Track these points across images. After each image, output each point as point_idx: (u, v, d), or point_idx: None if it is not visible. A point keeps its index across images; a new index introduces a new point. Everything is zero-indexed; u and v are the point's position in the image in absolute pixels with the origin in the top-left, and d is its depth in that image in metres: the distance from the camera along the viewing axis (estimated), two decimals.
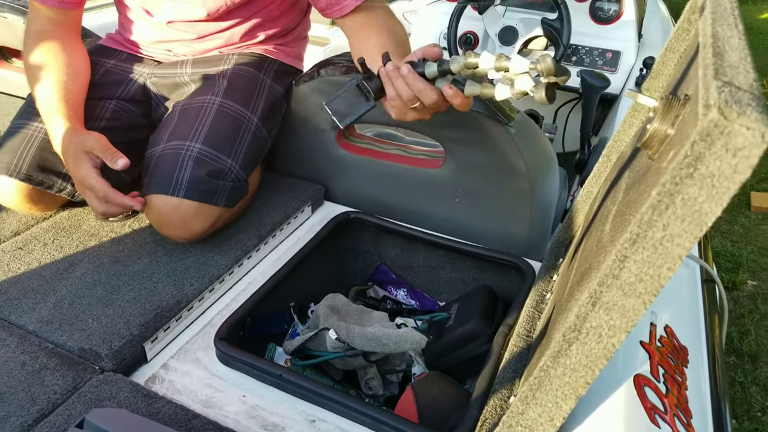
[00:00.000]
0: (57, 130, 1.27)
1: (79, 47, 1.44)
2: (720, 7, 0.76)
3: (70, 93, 1.33)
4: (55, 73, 1.34)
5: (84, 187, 1.23)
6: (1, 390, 0.96)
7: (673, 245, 0.48)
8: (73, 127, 1.27)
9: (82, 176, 1.22)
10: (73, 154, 1.24)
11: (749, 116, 0.43)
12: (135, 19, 1.50)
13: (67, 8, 1.39)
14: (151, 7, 1.44)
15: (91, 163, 1.23)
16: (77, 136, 1.25)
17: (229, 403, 1.00)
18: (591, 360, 0.56)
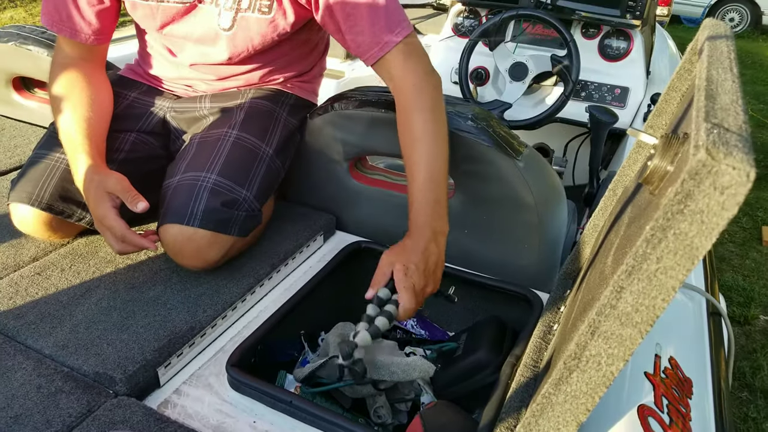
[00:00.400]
0: (79, 166, 1.31)
1: (103, 81, 1.47)
2: (716, 51, 0.79)
3: (93, 129, 1.36)
4: (80, 108, 1.37)
5: (103, 225, 1.27)
6: (18, 412, 0.98)
7: (666, 277, 0.51)
8: (95, 165, 1.31)
9: (101, 215, 1.26)
10: (93, 192, 1.27)
11: (735, 156, 0.46)
12: (157, 56, 1.54)
13: (94, 44, 1.43)
14: (175, 48, 1.48)
15: (111, 203, 1.27)
16: (99, 175, 1.28)
17: (240, 428, 1.02)
18: (591, 387, 0.58)
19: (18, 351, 1.11)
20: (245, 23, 1.39)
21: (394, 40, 1.29)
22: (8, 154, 1.83)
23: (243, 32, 1.41)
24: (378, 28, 1.29)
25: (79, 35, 1.39)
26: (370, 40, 1.30)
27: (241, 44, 1.43)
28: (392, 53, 1.30)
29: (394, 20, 1.30)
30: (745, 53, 7.90)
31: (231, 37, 1.41)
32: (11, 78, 2.02)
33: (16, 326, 1.16)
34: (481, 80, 2.82)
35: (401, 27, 1.31)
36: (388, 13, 1.30)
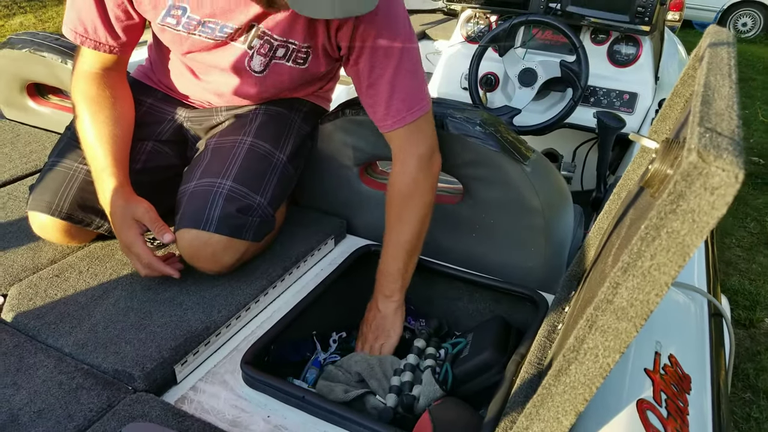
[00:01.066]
0: (106, 188, 1.34)
1: (127, 94, 1.47)
2: (716, 57, 0.82)
3: (119, 148, 1.38)
4: (107, 125, 1.38)
5: (131, 252, 1.31)
6: (41, 407, 1.02)
7: (659, 273, 0.54)
8: (122, 189, 1.34)
9: (129, 242, 1.30)
10: (120, 218, 1.31)
11: (725, 159, 0.49)
12: (176, 72, 1.54)
13: (118, 54, 1.41)
14: (199, 71, 1.49)
15: (138, 230, 1.31)
16: (127, 201, 1.32)
17: (254, 423, 1.05)
18: (588, 378, 0.61)
19: (39, 350, 1.15)
20: (278, 69, 1.42)
21: (406, 119, 1.33)
22: (24, 160, 1.87)
23: (274, 77, 1.44)
24: (394, 104, 1.33)
25: (103, 47, 1.38)
26: (384, 112, 1.34)
27: (270, 85, 1.46)
28: (401, 131, 1.34)
29: (414, 99, 1.33)
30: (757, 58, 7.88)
31: (261, 79, 1.44)
32: (25, 84, 2.05)
33: (36, 326, 1.20)
34: (491, 86, 2.85)
35: (418, 107, 1.34)
36: (409, 91, 1.33)
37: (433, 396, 1.15)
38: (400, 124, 1.33)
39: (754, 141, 5.02)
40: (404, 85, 1.32)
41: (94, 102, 1.38)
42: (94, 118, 1.37)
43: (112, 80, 1.42)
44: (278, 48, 1.37)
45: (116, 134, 1.38)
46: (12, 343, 1.16)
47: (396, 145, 1.37)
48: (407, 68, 1.32)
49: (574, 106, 2.43)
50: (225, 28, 1.31)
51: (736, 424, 2.23)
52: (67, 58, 1.86)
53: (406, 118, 1.32)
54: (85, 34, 1.35)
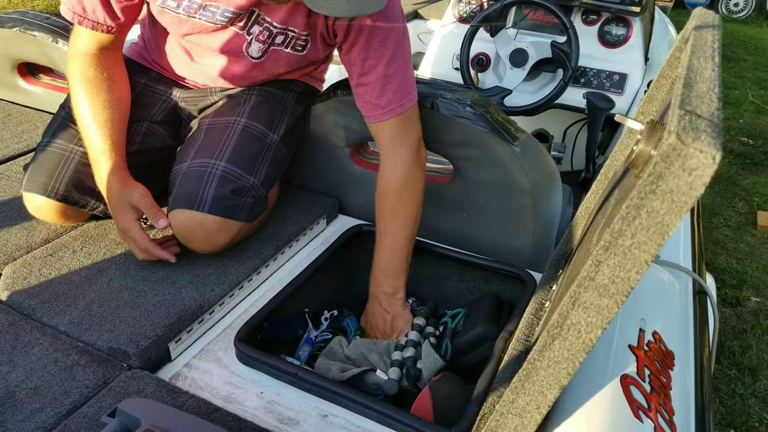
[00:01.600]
0: (102, 172, 1.35)
1: (122, 73, 1.46)
2: (701, 40, 0.83)
3: (116, 130, 1.38)
4: (104, 109, 1.38)
5: (127, 237, 1.33)
6: (37, 384, 1.04)
7: (640, 251, 0.56)
8: (120, 174, 1.35)
9: (126, 227, 1.32)
10: (117, 202, 1.32)
11: (703, 141, 0.51)
12: (171, 54, 1.54)
13: (116, 34, 1.41)
14: (195, 52, 1.48)
15: (135, 216, 1.33)
16: (125, 187, 1.33)
17: (248, 398, 1.07)
18: (572, 353, 0.63)
19: (34, 328, 1.16)
20: (276, 55, 1.42)
21: (396, 110, 1.35)
22: (16, 140, 1.87)
23: (272, 62, 1.44)
24: (386, 94, 1.34)
25: (101, 27, 1.37)
26: (375, 102, 1.35)
27: (266, 69, 1.47)
28: (392, 121, 1.36)
29: (405, 90, 1.35)
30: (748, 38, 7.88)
31: (258, 64, 1.44)
32: (16, 64, 2.04)
33: (31, 304, 1.21)
34: (482, 66, 2.85)
35: (408, 98, 1.36)
36: (401, 82, 1.35)
37: (434, 367, 1.17)
38: (392, 114, 1.35)
39: (744, 121, 5.04)
40: (396, 77, 1.34)
41: (92, 84, 1.38)
42: (92, 101, 1.37)
43: (108, 61, 1.42)
44: (277, 35, 1.38)
45: (114, 118, 1.38)
46: (7, 321, 1.17)
47: (386, 137, 1.38)
48: (400, 60, 1.34)
49: (565, 87, 2.45)
50: (226, 12, 1.31)
51: (721, 400, 2.27)
52: (57, 37, 1.85)
53: (397, 109, 1.34)
54: (83, 14, 1.35)
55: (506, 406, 0.72)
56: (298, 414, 1.04)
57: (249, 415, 1.03)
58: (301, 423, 1.03)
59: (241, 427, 0.98)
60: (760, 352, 2.51)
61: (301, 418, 1.04)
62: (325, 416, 1.04)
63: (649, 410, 0.83)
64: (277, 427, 1.02)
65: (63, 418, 0.98)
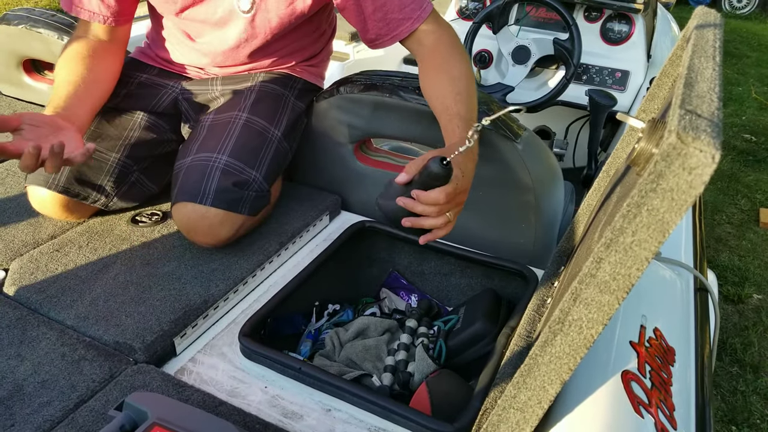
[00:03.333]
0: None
1: (112, 63, 1.47)
2: (702, 39, 0.84)
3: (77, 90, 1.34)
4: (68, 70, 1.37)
5: None
6: (45, 378, 1.05)
7: (640, 249, 0.57)
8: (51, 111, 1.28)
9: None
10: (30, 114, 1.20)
11: (703, 140, 0.52)
12: (171, 40, 1.57)
13: (113, 25, 1.43)
14: (192, 32, 1.51)
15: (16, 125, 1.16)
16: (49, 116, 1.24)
17: (252, 393, 1.08)
18: (573, 349, 0.64)
19: (41, 323, 1.18)
20: (264, 5, 1.43)
21: (423, 15, 1.37)
22: None
23: (262, 14, 1.44)
24: (407, 7, 1.36)
25: (97, 17, 1.40)
26: (401, 16, 1.37)
27: (259, 26, 1.47)
28: (424, 25, 1.38)
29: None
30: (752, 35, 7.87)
31: (249, 19, 1.44)
32: (22, 60, 2.05)
33: (38, 300, 1.22)
34: (485, 63, 2.86)
35: (426, 3, 1.38)
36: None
37: (426, 370, 1.19)
38: (419, 22, 1.37)
39: (747, 118, 5.04)
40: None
41: (71, 60, 1.39)
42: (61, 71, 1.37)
43: (101, 49, 1.43)
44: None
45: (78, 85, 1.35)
46: (15, 316, 1.19)
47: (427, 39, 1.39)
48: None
49: (567, 84, 2.45)
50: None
51: (723, 397, 2.28)
52: (63, 34, 1.86)
53: (422, 14, 1.37)
54: (80, 4, 1.37)
55: (508, 401, 0.73)
56: (301, 408, 1.06)
57: (253, 409, 1.05)
58: (304, 417, 1.04)
59: (245, 421, 0.99)
60: (762, 350, 2.52)
61: (305, 413, 1.05)
62: (329, 410, 1.05)
63: (650, 406, 0.84)
64: (281, 421, 1.03)
65: (70, 412, 0.99)
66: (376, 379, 1.17)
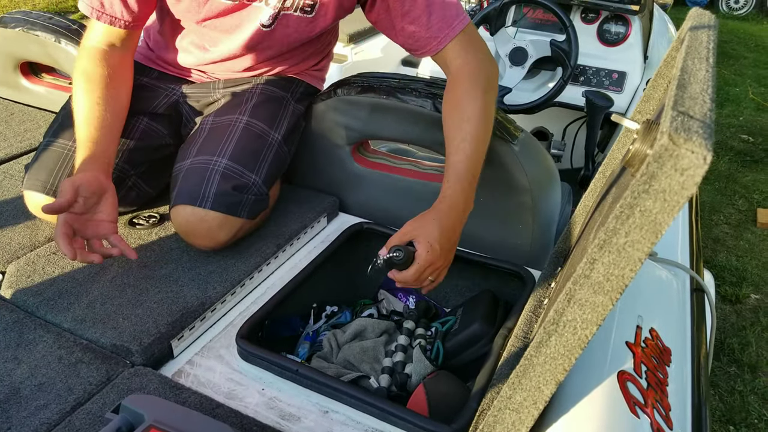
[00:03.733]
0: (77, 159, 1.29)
1: (126, 72, 1.44)
2: (696, 41, 0.84)
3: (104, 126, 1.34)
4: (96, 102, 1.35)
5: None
6: (41, 381, 1.05)
7: (633, 250, 0.57)
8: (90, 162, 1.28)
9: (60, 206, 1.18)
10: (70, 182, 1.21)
11: (694, 142, 0.52)
12: (182, 45, 1.54)
13: (130, 30, 1.40)
14: (208, 42, 1.49)
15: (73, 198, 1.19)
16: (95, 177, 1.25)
17: (249, 395, 1.09)
18: (568, 349, 0.64)
19: (38, 325, 1.18)
20: (285, 21, 1.42)
21: (451, 34, 1.35)
22: (18, 139, 1.88)
23: (282, 29, 1.44)
24: (436, 22, 1.34)
25: (118, 22, 1.37)
26: (428, 34, 1.35)
27: (277, 41, 1.47)
28: (451, 45, 1.35)
29: (452, 13, 1.35)
30: (749, 36, 7.88)
31: (269, 33, 1.44)
32: (19, 63, 2.05)
33: (35, 302, 1.22)
34: None
35: (459, 19, 1.35)
36: (444, 6, 1.34)
37: (424, 372, 1.19)
38: (450, 37, 1.34)
39: (744, 119, 5.05)
40: (440, 2, 1.34)
41: (89, 79, 1.37)
42: (86, 97, 1.36)
43: (114, 59, 1.40)
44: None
45: (105, 116, 1.35)
46: (11, 319, 1.19)
47: (453, 61, 1.36)
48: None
49: (564, 85, 2.46)
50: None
51: (721, 397, 2.28)
52: (60, 37, 1.86)
53: (456, 28, 1.34)
54: (101, 9, 1.34)
55: (503, 402, 0.73)
56: (299, 410, 1.06)
57: (251, 412, 1.05)
58: (302, 419, 1.04)
59: (242, 424, 0.99)
60: (759, 349, 2.52)
61: (303, 415, 1.05)
62: (326, 412, 1.05)
63: (646, 406, 0.85)
64: (278, 423, 1.03)
65: (67, 415, 0.99)
66: (374, 380, 1.17)
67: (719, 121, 4.94)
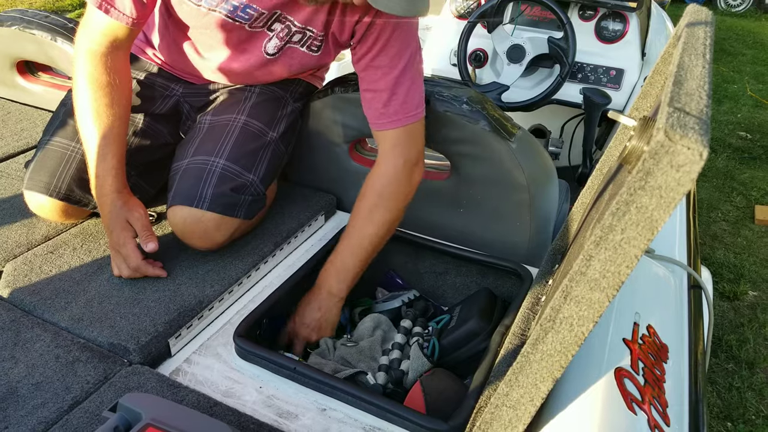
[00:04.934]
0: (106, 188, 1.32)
1: (127, 75, 1.41)
2: (692, 37, 0.84)
3: (121, 144, 1.36)
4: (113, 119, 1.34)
5: (119, 252, 1.30)
6: (39, 379, 1.05)
7: (630, 246, 0.57)
8: (123, 191, 1.33)
9: (121, 243, 1.29)
10: (114, 217, 1.30)
11: (690, 138, 0.52)
12: (176, 48, 1.52)
13: (134, 27, 1.34)
14: (203, 48, 1.47)
15: (131, 233, 1.31)
16: (126, 205, 1.32)
17: (247, 393, 1.09)
18: (564, 346, 0.64)
19: (35, 324, 1.18)
20: (291, 53, 1.43)
21: (401, 121, 1.35)
22: (15, 138, 1.88)
23: (286, 59, 1.44)
24: (392, 105, 1.35)
25: (126, 19, 1.32)
26: (381, 110, 1.36)
27: (278, 67, 1.47)
28: (394, 132, 1.36)
29: (412, 103, 1.35)
30: (747, 33, 7.88)
31: (271, 61, 1.44)
32: (15, 62, 2.05)
33: (32, 301, 1.22)
34: (480, 62, 2.86)
35: (415, 112, 1.36)
36: (409, 95, 1.35)
37: (421, 369, 1.19)
38: (395, 126, 1.35)
39: (742, 116, 5.05)
40: (405, 89, 1.34)
41: (101, 90, 1.33)
42: (101, 112, 1.33)
43: (117, 63, 1.36)
44: (295, 33, 1.38)
45: (121, 132, 1.36)
46: (9, 318, 1.19)
47: (385, 146, 1.38)
48: (411, 73, 1.35)
49: (562, 83, 2.46)
50: (248, 9, 1.31)
51: (718, 393, 2.28)
52: (56, 35, 1.86)
53: (402, 120, 1.35)
54: (111, 3, 1.29)
55: (501, 399, 0.73)
56: (296, 408, 1.06)
57: (248, 410, 1.05)
58: (299, 417, 1.04)
59: (240, 421, 0.99)
60: (757, 346, 2.52)
61: (300, 412, 1.05)
62: (324, 410, 1.05)
63: (643, 403, 0.85)
64: (276, 421, 1.03)
65: (65, 413, 0.99)
66: (371, 377, 1.17)
67: (717, 118, 4.94)
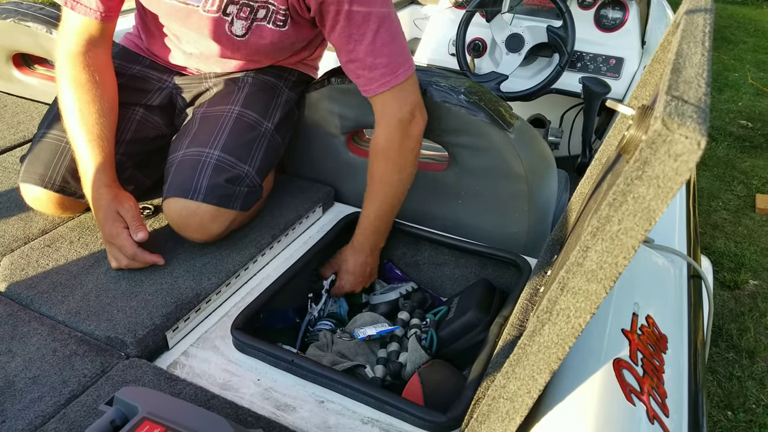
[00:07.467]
0: (94, 182, 1.33)
1: (111, 75, 1.43)
2: (692, 24, 0.83)
3: (106, 140, 1.36)
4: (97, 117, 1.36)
5: (113, 244, 1.30)
6: (36, 373, 1.05)
7: (627, 237, 0.56)
8: (112, 185, 1.34)
9: (114, 234, 1.29)
10: (105, 209, 1.31)
11: (688, 126, 0.51)
12: (162, 40, 1.53)
13: (105, 21, 1.37)
14: (181, 35, 1.48)
15: (123, 224, 1.31)
16: (116, 198, 1.33)
17: (245, 386, 1.08)
18: (561, 338, 0.64)
19: (32, 318, 1.17)
20: (259, 31, 1.41)
21: (390, 82, 1.33)
22: (12, 131, 1.87)
23: (256, 39, 1.43)
24: (378, 69, 1.33)
25: (93, 13, 1.35)
26: (368, 76, 1.34)
27: (253, 48, 1.46)
28: (385, 94, 1.35)
29: (396, 63, 1.33)
30: (749, 20, 7.85)
31: (243, 43, 1.43)
32: (11, 54, 2.04)
33: (29, 295, 1.22)
34: (479, 52, 2.85)
35: (401, 70, 1.34)
36: (390, 56, 1.33)
37: (419, 361, 1.19)
38: (385, 88, 1.34)
39: (743, 104, 5.03)
40: (385, 51, 1.32)
41: (84, 90, 1.35)
42: (85, 110, 1.34)
43: (98, 61, 1.39)
44: (259, 9, 1.37)
45: (106, 129, 1.36)
46: (5, 312, 1.18)
47: (378, 109, 1.38)
48: (386, 33, 1.32)
49: (561, 72, 2.45)
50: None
51: (719, 382, 2.28)
52: (52, 28, 1.85)
53: (391, 81, 1.33)
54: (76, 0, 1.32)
55: (498, 391, 0.73)
56: (294, 400, 1.05)
57: (246, 402, 1.04)
58: (297, 409, 1.04)
59: (238, 414, 0.99)
60: (757, 335, 2.52)
61: (298, 405, 1.05)
62: (322, 402, 1.05)
63: (642, 393, 0.84)
64: (273, 413, 1.03)
65: (62, 407, 0.99)
66: (369, 370, 1.17)
67: (718, 107, 4.93)
